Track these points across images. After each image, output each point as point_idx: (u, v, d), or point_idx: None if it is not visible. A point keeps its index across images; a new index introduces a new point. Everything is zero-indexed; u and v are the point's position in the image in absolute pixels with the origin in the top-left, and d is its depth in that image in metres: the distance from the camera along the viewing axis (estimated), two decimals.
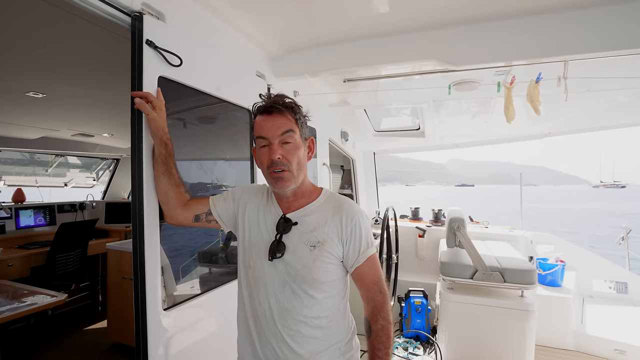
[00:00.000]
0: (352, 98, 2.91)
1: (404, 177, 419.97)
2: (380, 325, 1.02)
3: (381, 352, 1.01)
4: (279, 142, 1.00)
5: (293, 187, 1.03)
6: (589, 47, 1.57)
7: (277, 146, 1.00)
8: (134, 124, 1.17)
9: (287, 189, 1.02)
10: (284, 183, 1.01)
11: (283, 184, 1.01)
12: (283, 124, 1.00)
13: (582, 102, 2.73)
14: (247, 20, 1.70)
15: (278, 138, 0.99)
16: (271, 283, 1.02)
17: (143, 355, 1.13)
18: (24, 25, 1.53)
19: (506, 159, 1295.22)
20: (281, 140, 1.00)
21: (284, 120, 1.00)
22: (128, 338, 2.99)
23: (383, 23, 1.75)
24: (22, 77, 2.16)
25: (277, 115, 1.00)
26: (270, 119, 1.00)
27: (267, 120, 1.01)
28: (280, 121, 1.00)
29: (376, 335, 1.02)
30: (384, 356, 1.00)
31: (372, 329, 1.03)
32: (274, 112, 1.00)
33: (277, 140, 1.00)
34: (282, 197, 1.08)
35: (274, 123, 1.00)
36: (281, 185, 1.01)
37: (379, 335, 1.02)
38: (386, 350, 1.01)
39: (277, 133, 0.99)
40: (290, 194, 1.06)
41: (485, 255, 2.78)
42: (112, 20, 1.18)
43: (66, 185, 5.07)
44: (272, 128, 1.00)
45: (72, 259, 3.61)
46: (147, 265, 1.15)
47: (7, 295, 2.47)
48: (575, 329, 3.07)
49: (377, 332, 1.02)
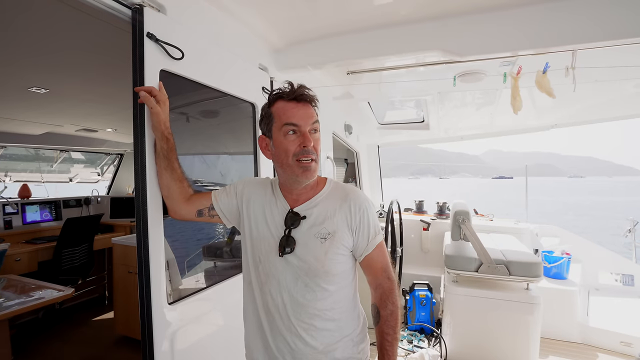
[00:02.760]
0: (355, 91, 2.89)
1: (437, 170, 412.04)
2: (389, 310, 1.03)
3: (390, 337, 1.02)
4: (309, 131, 0.99)
5: (315, 178, 1.03)
6: (597, 35, 1.53)
7: (310, 135, 0.99)
8: (137, 118, 1.16)
9: (312, 179, 1.02)
10: (312, 173, 1.00)
11: (310, 174, 1.00)
12: (312, 114, 1.00)
13: (590, 93, 2.68)
14: (249, 13, 1.68)
15: (310, 126, 0.99)
16: (283, 278, 1.01)
17: (149, 348, 1.14)
18: (25, 20, 1.52)
19: (549, 150, 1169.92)
20: (311, 129, 1.00)
21: (312, 110, 1.01)
22: (134, 331, 3.03)
23: (386, 13, 1.72)
24: (24, 73, 2.15)
25: (307, 105, 1.00)
26: (302, 107, 1.00)
27: (299, 108, 0.99)
28: (310, 111, 1.00)
29: (385, 320, 1.03)
30: (392, 340, 1.02)
31: (380, 315, 1.04)
32: (303, 100, 0.99)
33: (309, 128, 0.99)
34: (290, 190, 1.06)
35: (306, 111, 0.99)
36: (308, 175, 1.00)
37: (388, 320, 1.03)
38: (395, 334, 1.02)
39: (310, 121, 0.99)
40: (302, 186, 1.05)
41: (490, 248, 2.77)
42: (113, 13, 1.16)
43: (71, 181, 5.10)
44: (305, 116, 0.99)
45: (78, 253, 3.64)
46: (151, 260, 1.15)
47: (15, 289, 2.50)
48: (580, 321, 3.06)
49: (386, 317, 1.03)
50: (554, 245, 3.69)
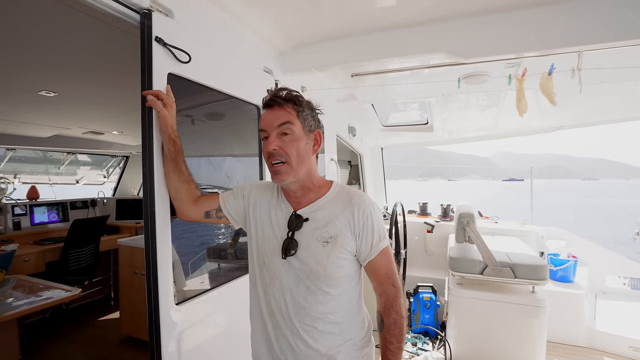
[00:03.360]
0: (359, 93, 2.89)
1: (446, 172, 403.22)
2: (392, 319, 1.02)
3: (393, 346, 1.00)
4: (276, 134, 1.00)
5: (293, 180, 1.01)
6: (604, 36, 1.52)
7: (273, 137, 0.99)
8: (144, 121, 1.17)
9: (285, 182, 1.01)
10: (281, 177, 1.00)
11: (280, 177, 1.00)
12: (281, 116, 1.00)
13: (596, 94, 2.67)
14: (254, 16, 1.70)
15: (275, 130, 0.99)
16: (286, 280, 1.02)
17: (156, 348, 1.15)
18: (36, 24, 1.55)
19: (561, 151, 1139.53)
20: (279, 132, 0.99)
21: (283, 112, 1.00)
22: (139, 331, 3.05)
23: (391, 16, 1.73)
24: (33, 76, 2.19)
25: (277, 108, 1.01)
26: (270, 112, 1.01)
27: (268, 114, 1.02)
28: (279, 113, 1.00)
29: (388, 329, 1.02)
30: (396, 350, 1.00)
31: (384, 323, 1.03)
32: (274, 105, 1.01)
33: (274, 132, 1.00)
34: (290, 193, 1.07)
35: (273, 115, 1.00)
36: (279, 179, 1.01)
37: (391, 328, 1.01)
38: (398, 344, 1.01)
39: (275, 124, 0.99)
40: (296, 189, 1.05)
41: (495, 250, 2.75)
42: (122, 17, 1.18)
43: (78, 183, 5.16)
44: (271, 120, 1.00)
45: (85, 254, 3.68)
46: (159, 261, 1.16)
47: (24, 289, 2.54)
48: (587, 325, 3.03)
49: (389, 326, 1.02)
50: (560, 248, 3.66)
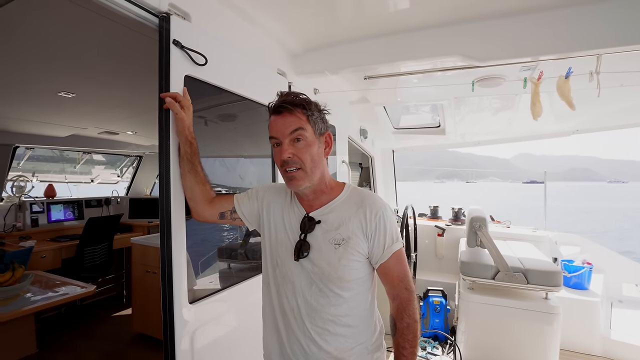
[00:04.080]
0: (372, 95, 2.89)
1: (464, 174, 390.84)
2: (405, 323, 1.00)
3: (406, 351, 0.99)
4: (289, 141, 1.00)
5: (308, 185, 1.02)
6: (624, 39, 1.49)
7: (287, 145, 1.00)
8: (162, 122, 1.20)
9: (300, 187, 1.02)
10: (297, 182, 1.01)
11: (296, 183, 1.01)
12: (292, 122, 0.99)
13: (615, 97, 2.61)
14: (269, 19, 1.72)
15: (288, 137, 0.99)
16: (298, 282, 1.02)
17: (170, 346, 1.17)
18: (57, 28, 1.60)
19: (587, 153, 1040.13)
20: (291, 138, 0.99)
21: (293, 118, 1.00)
22: (151, 329, 3.09)
23: (404, 19, 1.73)
24: (55, 78, 2.26)
25: (286, 114, 1.00)
26: (280, 119, 1.01)
27: (277, 120, 1.01)
28: (289, 120, 0.99)
29: (401, 334, 1.01)
30: (409, 355, 0.99)
31: (397, 327, 1.02)
32: (283, 111, 1.00)
33: (287, 140, 1.00)
34: (302, 196, 1.08)
35: (284, 122, 1.00)
36: (294, 185, 1.02)
37: (405, 333, 1.00)
38: (412, 349, 0.99)
39: (287, 132, 0.99)
40: (309, 192, 1.05)
41: (507, 255, 2.71)
42: (141, 21, 1.21)
43: (92, 182, 5.28)
44: (282, 127, 1.00)
45: (99, 252, 3.76)
46: (174, 260, 1.18)
47: (40, 284, 2.61)
48: (603, 334, 2.95)
49: (402, 330, 1.01)
50: (574, 255, 3.58)
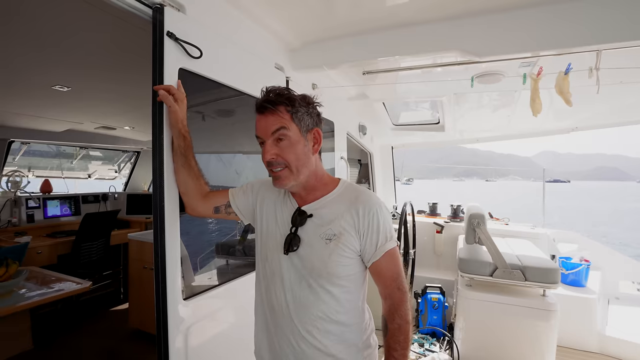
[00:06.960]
0: (370, 91, 2.87)
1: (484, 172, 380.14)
2: (397, 324, 0.98)
3: (397, 353, 0.96)
4: (272, 141, 0.98)
5: (294, 184, 1.01)
6: (624, 35, 1.47)
7: (269, 146, 0.98)
8: (155, 116, 1.18)
9: (286, 186, 1.01)
10: (282, 182, 1.00)
11: (281, 182, 1.00)
12: (274, 122, 0.97)
13: (614, 94, 2.59)
14: (265, 12, 1.69)
15: (270, 137, 0.98)
16: (287, 277, 1.01)
17: (164, 342, 1.16)
18: (50, 19, 1.57)
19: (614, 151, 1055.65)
20: (274, 138, 0.98)
21: (276, 117, 0.97)
22: (148, 325, 3.08)
23: (403, 13, 1.70)
24: (48, 71, 2.23)
25: (268, 114, 0.98)
26: (263, 118, 0.99)
27: (260, 120, 0.99)
28: (271, 119, 0.97)
29: (392, 335, 0.98)
30: (400, 357, 0.96)
31: (388, 328, 0.99)
32: (264, 111, 0.98)
33: (270, 140, 0.98)
34: (294, 191, 1.06)
35: (266, 122, 0.98)
36: (280, 184, 1.01)
37: (396, 334, 0.98)
38: (403, 350, 0.96)
39: (269, 132, 0.97)
40: (300, 189, 1.04)
41: (505, 252, 2.71)
42: (134, 12, 1.19)
43: (90, 177, 5.25)
44: (264, 127, 0.98)
45: (96, 248, 3.74)
46: (167, 256, 1.17)
47: (36, 280, 2.59)
48: (599, 330, 2.96)
49: (393, 332, 0.98)
50: (572, 252, 3.58)
